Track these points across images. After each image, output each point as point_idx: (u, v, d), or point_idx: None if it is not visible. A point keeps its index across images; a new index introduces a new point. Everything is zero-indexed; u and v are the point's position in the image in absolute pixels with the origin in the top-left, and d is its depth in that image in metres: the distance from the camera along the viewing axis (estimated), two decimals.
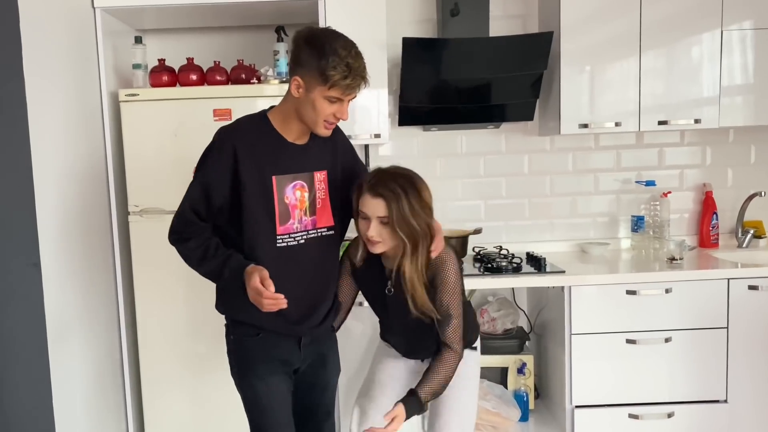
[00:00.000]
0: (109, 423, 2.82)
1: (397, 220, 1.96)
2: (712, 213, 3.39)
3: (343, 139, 2.19)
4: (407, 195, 1.97)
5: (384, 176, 2.00)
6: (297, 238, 2.03)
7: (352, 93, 1.94)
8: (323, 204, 2.07)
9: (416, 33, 3.28)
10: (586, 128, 3.06)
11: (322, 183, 2.06)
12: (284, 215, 2.00)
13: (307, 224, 2.04)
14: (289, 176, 2.00)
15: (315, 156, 2.06)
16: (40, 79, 2.28)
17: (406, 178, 2.01)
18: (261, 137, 1.99)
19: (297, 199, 2.02)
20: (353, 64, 1.88)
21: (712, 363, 2.88)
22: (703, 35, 3.03)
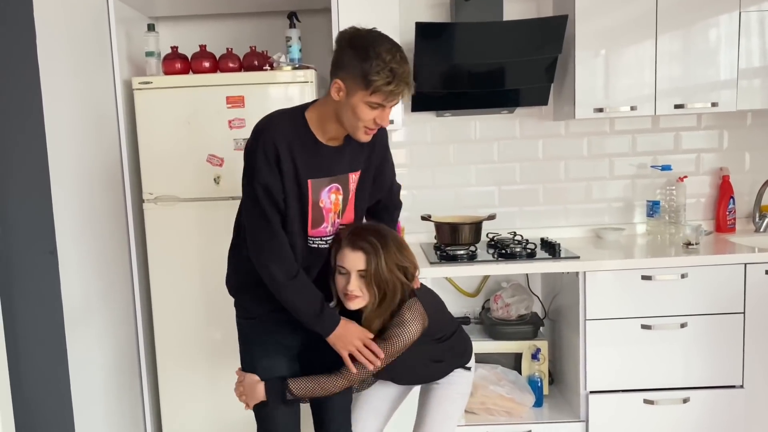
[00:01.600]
0: (126, 408, 2.85)
1: (374, 275, 1.92)
2: (728, 197, 3.35)
3: (381, 135, 2.09)
4: (386, 248, 1.93)
5: (362, 230, 1.98)
6: (327, 241, 2.03)
7: (395, 99, 1.86)
8: (350, 203, 2.06)
9: (429, 17, 3.26)
10: (601, 113, 3.03)
11: (353, 184, 2.05)
12: (317, 219, 1.99)
13: (337, 226, 2.05)
14: (326, 180, 1.97)
15: (350, 158, 2.02)
16: (54, 68, 2.29)
17: (385, 233, 1.98)
18: (298, 138, 1.92)
19: (332, 203, 2.00)
20: (397, 69, 1.80)
21: (728, 348, 2.86)
22: (720, 17, 2.98)
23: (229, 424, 2.96)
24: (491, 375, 3.03)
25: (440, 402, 2.19)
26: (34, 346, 2.24)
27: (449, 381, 2.20)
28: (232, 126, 2.80)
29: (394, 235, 2.00)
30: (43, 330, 2.26)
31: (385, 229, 2.01)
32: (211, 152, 2.81)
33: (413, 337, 1.98)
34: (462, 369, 2.22)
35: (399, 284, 1.96)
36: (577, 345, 2.90)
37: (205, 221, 2.87)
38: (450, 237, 3.05)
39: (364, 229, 1.99)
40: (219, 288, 2.88)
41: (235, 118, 2.80)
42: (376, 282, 1.93)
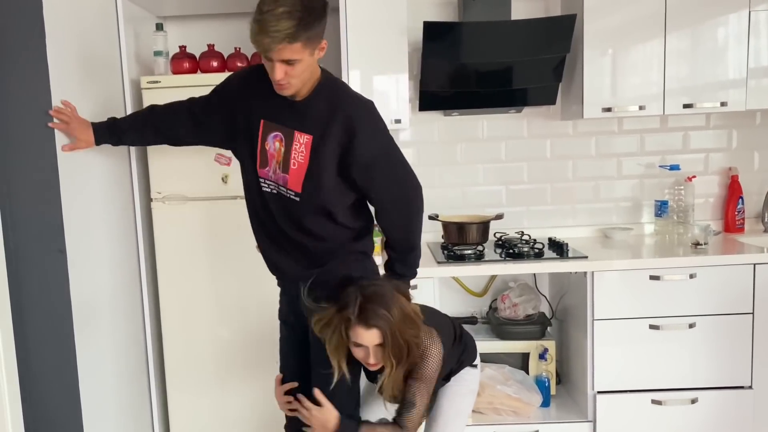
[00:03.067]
0: (134, 406, 2.86)
1: (392, 345, 1.93)
2: (737, 197, 3.34)
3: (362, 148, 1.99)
4: (396, 318, 1.92)
5: (367, 304, 1.92)
6: (271, 187, 2.07)
7: (267, 50, 1.83)
8: (299, 168, 2.01)
9: (437, 16, 3.26)
10: (609, 112, 3.03)
11: (302, 146, 2.01)
12: (264, 160, 2.06)
13: (279, 178, 2.05)
14: (274, 125, 2.04)
15: (303, 117, 2.01)
16: (63, 67, 2.29)
17: (389, 301, 1.94)
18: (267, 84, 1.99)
19: (275, 150, 2.04)
20: (266, 19, 1.79)
21: (736, 349, 2.85)
22: (730, 15, 2.97)
23: (236, 423, 2.97)
24: (498, 375, 3.02)
25: (451, 400, 2.21)
26: (42, 344, 2.25)
27: (458, 379, 2.22)
28: None
29: (397, 301, 1.95)
30: (52, 328, 2.26)
31: (388, 295, 1.95)
32: (219, 151, 2.82)
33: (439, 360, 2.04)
34: (469, 367, 2.24)
35: (413, 340, 1.97)
36: (585, 345, 2.90)
37: (213, 220, 2.88)
38: (457, 236, 3.05)
39: (369, 300, 1.92)
40: (227, 286, 2.90)
41: None
42: (393, 352, 1.94)
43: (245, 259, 2.82)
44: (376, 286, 1.98)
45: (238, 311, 2.92)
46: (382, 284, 2.01)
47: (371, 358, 1.96)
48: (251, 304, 2.89)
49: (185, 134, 2.30)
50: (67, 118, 2.26)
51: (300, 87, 1.96)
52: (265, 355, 2.82)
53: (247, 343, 2.92)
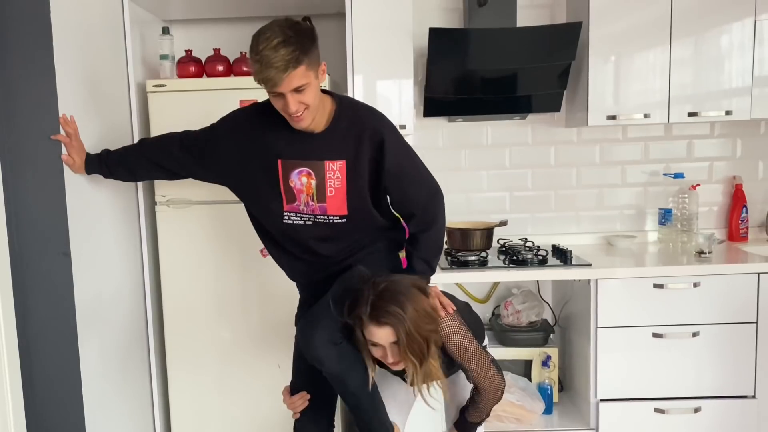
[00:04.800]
0: (136, 408, 2.86)
1: (407, 343, 1.89)
2: (741, 206, 3.34)
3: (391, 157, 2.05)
4: (409, 314, 1.88)
5: (379, 302, 1.90)
6: (304, 219, 2.09)
7: (274, 85, 1.86)
8: (337, 193, 2.06)
9: (443, 23, 3.26)
10: (614, 120, 3.03)
11: (337, 173, 2.04)
12: (290, 197, 2.08)
13: (315, 209, 2.07)
14: (295, 162, 2.04)
15: (327, 146, 2.04)
16: (69, 70, 2.30)
17: (402, 297, 1.91)
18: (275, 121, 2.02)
19: (303, 185, 2.06)
20: (265, 55, 1.82)
21: (740, 358, 2.85)
22: (734, 24, 2.97)
23: (237, 424, 2.96)
24: None
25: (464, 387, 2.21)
26: (46, 347, 2.25)
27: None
28: None
29: (412, 297, 1.92)
30: (56, 330, 2.26)
31: (401, 292, 1.92)
32: None
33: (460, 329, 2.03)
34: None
35: (432, 335, 1.94)
36: (588, 352, 2.89)
37: (216, 224, 2.88)
38: (461, 243, 3.05)
39: (381, 298, 1.90)
40: (230, 290, 2.90)
41: None
42: (411, 350, 1.90)
43: (248, 262, 2.83)
44: (390, 282, 1.95)
45: (240, 314, 2.91)
46: (396, 281, 1.97)
47: (389, 357, 1.94)
48: (253, 306, 2.89)
49: (176, 168, 2.29)
50: (71, 131, 2.27)
51: (314, 116, 1.98)
52: (267, 358, 2.82)
53: (248, 346, 2.92)
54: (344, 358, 2.00)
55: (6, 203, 2.07)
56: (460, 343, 2.02)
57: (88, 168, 2.35)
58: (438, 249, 2.24)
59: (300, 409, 2.21)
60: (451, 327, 2.01)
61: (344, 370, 2.01)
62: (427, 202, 2.18)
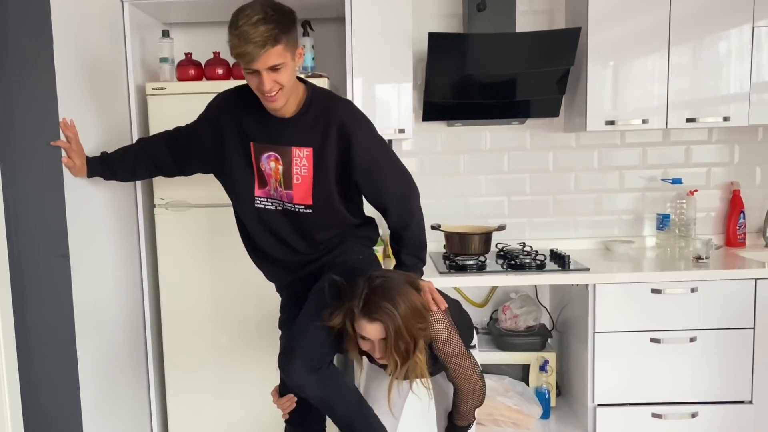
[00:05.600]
0: (134, 411, 2.85)
1: (394, 341, 1.89)
2: (739, 212, 3.34)
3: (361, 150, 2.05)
4: (400, 312, 1.88)
5: (373, 297, 1.90)
6: (275, 204, 2.10)
7: (250, 61, 1.86)
8: (303, 181, 2.06)
9: (442, 28, 3.27)
10: (612, 125, 3.03)
11: (303, 160, 2.04)
12: (262, 181, 2.09)
13: (282, 195, 2.08)
14: (266, 146, 2.06)
15: (296, 132, 2.04)
16: (69, 73, 2.30)
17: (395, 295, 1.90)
18: (251, 105, 2.05)
19: (271, 170, 2.07)
20: (244, 29, 1.83)
21: (737, 363, 2.85)
22: (732, 31, 2.98)
23: (235, 427, 2.96)
24: (499, 386, 3.02)
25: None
26: (44, 349, 2.25)
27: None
28: None
29: (406, 295, 1.91)
30: (54, 332, 2.26)
31: (395, 289, 1.91)
32: None
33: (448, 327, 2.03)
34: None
35: (420, 333, 1.94)
36: (586, 357, 2.90)
37: (215, 227, 2.88)
38: (459, 247, 3.05)
39: (375, 294, 1.90)
40: (227, 293, 2.90)
41: None
42: (395, 348, 1.90)
43: (246, 265, 2.81)
44: (386, 278, 1.95)
45: (238, 317, 2.91)
46: (392, 277, 1.97)
47: (377, 352, 1.94)
48: (251, 310, 2.90)
49: (171, 162, 2.32)
50: (71, 135, 2.27)
51: (288, 98, 1.99)
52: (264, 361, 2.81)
53: (246, 349, 2.92)
54: (326, 382, 1.99)
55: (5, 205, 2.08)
56: (446, 341, 2.01)
57: (90, 171, 2.35)
58: (422, 242, 2.25)
59: (288, 410, 2.21)
60: (440, 324, 2.01)
61: (329, 395, 2.00)
62: (401, 196, 2.17)
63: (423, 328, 1.94)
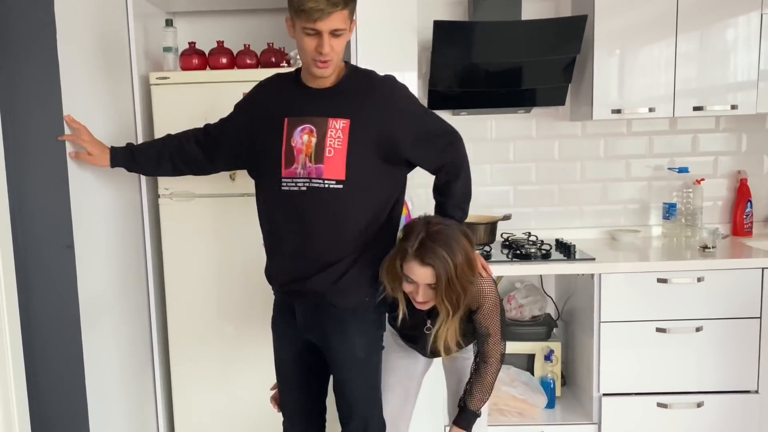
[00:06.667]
0: (140, 400, 2.87)
1: (445, 289, 1.91)
2: (746, 201, 3.32)
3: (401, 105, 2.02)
4: (456, 263, 1.90)
5: (429, 242, 1.90)
6: (299, 184, 1.98)
7: (320, 18, 1.81)
8: (336, 154, 1.96)
9: (447, 16, 3.25)
10: (618, 114, 3.01)
11: (339, 132, 1.96)
12: (289, 159, 1.99)
13: (311, 171, 1.97)
14: (300, 119, 1.99)
15: (334, 102, 1.98)
16: (73, 62, 2.29)
17: (454, 245, 1.91)
18: (283, 83, 2.07)
19: (303, 143, 1.97)
20: None
21: (743, 353, 2.84)
22: (741, 18, 2.95)
23: (240, 417, 2.97)
24: (504, 376, 3.02)
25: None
26: (49, 339, 2.25)
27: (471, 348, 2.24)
28: None
29: (462, 246, 1.92)
30: (59, 323, 2.27)
31: (454, 238, 1.92)
32: None
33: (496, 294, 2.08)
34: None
35: (469, 286, 1.97)
36: (591, 347, 2.89)
37: (220, 217, 2.87)
38: None
39: (432, 239, 1.90)
40: (232, 283, 2.90)
41: None
42: (447, 296, 1.93)
43: (251, 256, 2.82)
44: (444, 225, 1.95)
45: (243, 307, 2.92)
46: (450, 225, 1.97)
47: (419, 296, 1.94)
48: (256, 300, 2.89)
49: (201, 155, 2.27)
50: (78, 126, 2.26)
51: (336, 68, 1.96)
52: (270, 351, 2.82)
53: (251, 339, 2.92)
54: None
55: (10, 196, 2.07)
56: (492, 305, 2.05)
57: (113, 161, 2.32)
58: (469, 193, 2.19)
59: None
60: (489, 288, 2.05)
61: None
62: (453, 150, 2.12)
63: (472, 282, 1.96)
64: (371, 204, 2.03)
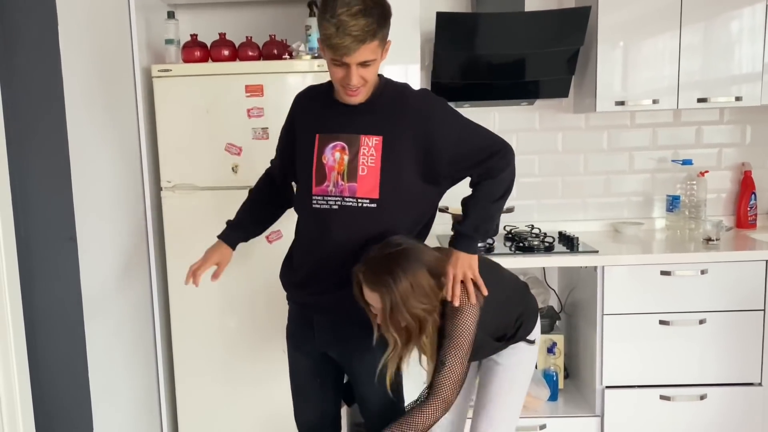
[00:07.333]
0: (143, 395, 2.87)
1: (391, 315, 1.80)
2: (750, 193, 3.31)
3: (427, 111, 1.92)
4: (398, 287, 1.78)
5: (376, 266, 1.81)
6: (331, 202, 1.93)
7: (345, 53, 1.75)
8: (370, 173, 1.90)
9: (450, 7, 3.23)
10: (622, 106, 3.00)
11: (371, 150, 1.90)
12: (320, 176, 1.94)
13: (344, 190, 1.92)
14: (332, 136, 1.93)
15: (367, 120, 1.92)
16: (74, 55, 2.29)
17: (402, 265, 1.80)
18: (318, 96, 2.02)
19: (335, 161, 1.92)
20: (344, 20, 1.72)
21: (747, 346, 2.84)
22: (745, 9, 2.94)
23: (244, 411, 2.98)
24: None
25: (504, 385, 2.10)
26: (52, 332, 2.25)
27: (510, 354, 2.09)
28: (251, 115, 2.79)
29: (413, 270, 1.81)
30: (62, 315, 2.27)
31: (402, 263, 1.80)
32: (230, 141, 2.81)
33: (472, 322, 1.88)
34: (524, 342, 2.10)
35: (423, 315, 1.83)
36: (594, 340, 2.89)
37: (222, 210, 2.84)
38: None
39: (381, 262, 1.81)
40: (235, 277, 2.90)
41: (254, 107, 2.79)
42: (393, 323, 1.81)
43: (254, 249, 2.82)
44: (401, 249, 1.83)
45: (246, 301, 2.92)
46: (410, 249, 1.84)
47: (378, 318, 1.85)
48: (260, 293, 2.89)
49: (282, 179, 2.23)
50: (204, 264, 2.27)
51: (368, 93, 1.90)
52: (273, 344, 2.82)
53: (254, 333, 2.92)
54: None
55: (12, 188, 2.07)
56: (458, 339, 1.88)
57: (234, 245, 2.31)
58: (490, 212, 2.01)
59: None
60: (462, 318, 1.88)
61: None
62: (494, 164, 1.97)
63: (428, 311, 1.84)
64: (403, 223, 1.96)
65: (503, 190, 2.01)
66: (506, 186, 2.01)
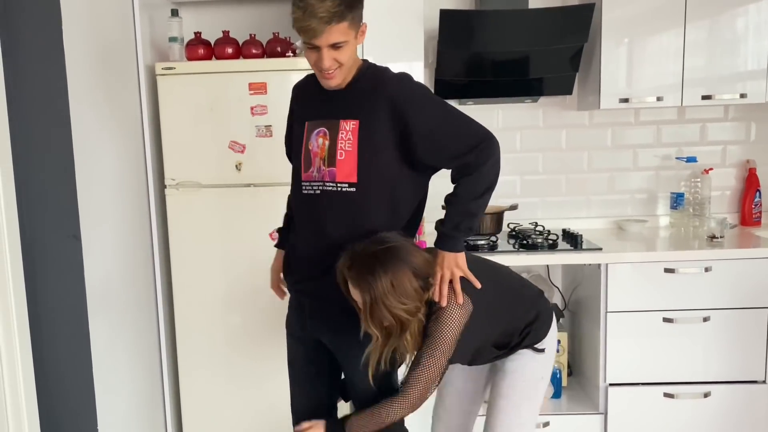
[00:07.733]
0: (147, 392, 2.88)
1: (371, 312, 1.79)
2: (755, 190, 3.30)
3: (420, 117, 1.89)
4: (378, 286, 1.76)
5: (358, 263, 1.79)
6: (314, 187, 1.96)
7: (313, 36, 1.78)
8: (347, 157, 1.91)
9: (454, 5, 3.22)
10: (626, 103, 3.00)
11: (348, 134, 1.91)
12: (307, 162, 1.98)
13: (324, 175, 1.94)
14: (318, 122, 1.97)
15: (345, 104, 1.94)
16: (79, 53, 2.30)
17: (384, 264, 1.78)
18: (309, 84, 2.05)
19: (318, 147, 1.95)
20: (310, 3, 1.75)
21: (751, 343, 2.83)
22: (750, 6, 2.93)
23: (248, 408, 2.98)
24: None
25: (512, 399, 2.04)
26: (57, 329, 2.26)
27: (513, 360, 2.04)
28: (254, 113, 2.80)
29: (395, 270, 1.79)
30: (66, 313, 2.28)
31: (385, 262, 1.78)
32: (233, 139, 2.82)
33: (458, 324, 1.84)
34: (530, 350, 2.02)
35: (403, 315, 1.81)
36: (598, 337, 2.89)
37: (226, 207, 2.88)
38: None
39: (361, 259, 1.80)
40: (239, 274, 2.91)
41: (257, 105, 2.79)
42: (372, 321, 1.80)
43: (258, 246, 2.83)
44: (386, 248, 1.81)
45: (250, 298, 2.92)
46: (396, 247, 1.82)
47: (361, 314, 1.84)
48: (263, 290, 2.89)
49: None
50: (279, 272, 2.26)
51: (345, 76, 1.92)
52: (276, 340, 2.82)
53: (258, 330, 2.93)
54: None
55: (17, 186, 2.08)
56: (438, 337, 1.84)
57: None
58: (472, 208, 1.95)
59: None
60: (445, 319, 1.85)
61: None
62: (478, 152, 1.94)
63: (409, 311, 1.81)
64: (386, 207, 1.96)
65: (485, 188, 1.96)
66: (488, 182, 1.97)
